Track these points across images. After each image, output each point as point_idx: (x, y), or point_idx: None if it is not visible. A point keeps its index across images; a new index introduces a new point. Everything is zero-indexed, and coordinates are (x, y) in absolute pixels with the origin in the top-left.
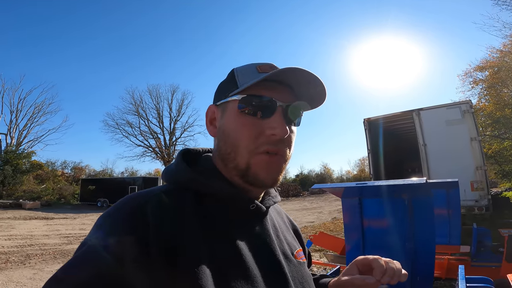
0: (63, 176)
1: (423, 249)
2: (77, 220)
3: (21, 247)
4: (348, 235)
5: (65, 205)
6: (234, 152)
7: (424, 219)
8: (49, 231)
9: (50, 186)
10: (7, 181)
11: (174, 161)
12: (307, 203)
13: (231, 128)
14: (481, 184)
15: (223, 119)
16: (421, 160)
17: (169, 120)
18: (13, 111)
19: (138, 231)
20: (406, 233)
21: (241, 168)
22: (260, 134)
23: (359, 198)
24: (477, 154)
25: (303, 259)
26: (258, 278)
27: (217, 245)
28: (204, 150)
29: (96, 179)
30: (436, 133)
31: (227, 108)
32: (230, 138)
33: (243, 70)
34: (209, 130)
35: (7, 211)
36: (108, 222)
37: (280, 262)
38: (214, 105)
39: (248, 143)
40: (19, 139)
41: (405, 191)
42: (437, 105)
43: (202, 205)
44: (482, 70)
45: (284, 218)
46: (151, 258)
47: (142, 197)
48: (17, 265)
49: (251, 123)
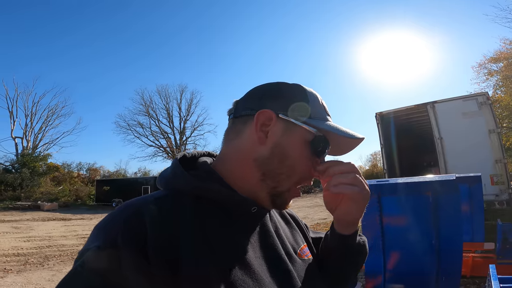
0: (79, 177)
1: (449, 248)
2: (94, 220)
3: (39, 249)
4: (366, 234)
5: (82, 206)
6: (286, 176)
7: (450, 216)
8: (67, 232)
9: (66, 188)
10: (25, 183)
11: (170, 166)
12: (318, 200)
13: (293, 153)
14: (501, 178)
15: (286, 138)
16: (437, 153)
17: (179, 120)
18: (28, 115)
19: (135, 237)
20: (430, 232)
21: (279, 191)
22: (310, 170)
23: (377, 196)
24: (496, 147)
25: (307, 256)
26: (264, 280)
27: (219, 249)
28: (200, 154)
29: (111, 179)
30: (452, 126)
31: (294, 130)
32: (288, 162)
33: (314, 99)
34: (258, 135)
35: (26, 212)
36: (105, 229)
37: (285, 262)
38: (274, 113)
39: (301, 175)
40: (35, 142)
41: (430, 189)
42: (452, 98)
43: (201, 209)
44: (496, 62)
45: (283, 213)
46: (151, 266)
47: (138, 203)
48: (36, 267)
49: (310, 159)
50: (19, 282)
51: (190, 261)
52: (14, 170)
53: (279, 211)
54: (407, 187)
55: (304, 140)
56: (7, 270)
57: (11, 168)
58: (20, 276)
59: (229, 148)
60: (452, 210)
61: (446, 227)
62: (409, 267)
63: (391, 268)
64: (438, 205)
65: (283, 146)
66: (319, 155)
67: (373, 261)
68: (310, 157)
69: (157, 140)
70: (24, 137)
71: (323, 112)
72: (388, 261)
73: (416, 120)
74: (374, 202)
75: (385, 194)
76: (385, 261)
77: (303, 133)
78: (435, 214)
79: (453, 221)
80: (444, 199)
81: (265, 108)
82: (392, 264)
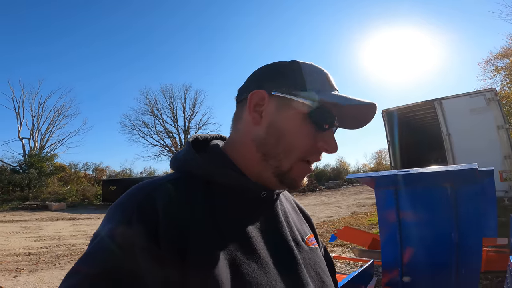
0: (85, 177)
1: (468, 242)
2: (101, 220)
3: (50, 248)
4: (383, 228)
5: (89, 206)
6: (285, 154)
7: (470, 209)
8: (76, 232)
9: (74, 188)
10: (32, 183)
11: (183, 148)
12: (324, 198)
13: (290, 131)
14: (510, 174)
15: (280, 115)
16: (445, 150)
17: (183, 119)
18: (34, 116)
19: (147, 221)
20: (450, 225)
21: (282, 170)
22: (314, 145)
23: (395, 188)
24: (505, 143)
25: (315, 245)
26: (270, 265)
27: (228, 233)
28: (212, 137)
29: (117, 179)
30: (460, 122)
31: (289, 106)
32: (285, 140)
33: (312, 71)
34: (251, 116)
35: (35, 212)
36: (117, 213)
37: (292, 248)
38: (265, 91)
39: (303, 151)
40: (42, 142)
41: (449, 180)
42: (459, 94)
43: (211, 193)
44: (503, 58)
45: (292, 203)
46: (161, 248)
47: (150, 186)
48: (47, 266)
49: (312, 134)
50: (32, 282)
51: (199, 247)
52: (21, 170)
53: (291, 193)
54: (426, 178)
55: (300, 114)
56: (19, 269)
57: (18, 168)
58: (32, 276)
59: (233, 132)
60: (472, 202)
61: (466, 220)
62: (427, 260)
63: (408, 261)
64: (458, 196)
65: (278, 124)
66: (320, 128)
67: (390, 254)
68: (312, 131)
69: (162, 139)
70: (31, 138)
71: (325, 84)
72: (405, 255)
73: (423, 117)
74: (391, 195)
75: (402, 186)
76: (402, 255)
77: (298, 107)
78: (455, 207)
79: (473, 214)
80: (463, 190)
81: (260, 89)
82: (409, 257)
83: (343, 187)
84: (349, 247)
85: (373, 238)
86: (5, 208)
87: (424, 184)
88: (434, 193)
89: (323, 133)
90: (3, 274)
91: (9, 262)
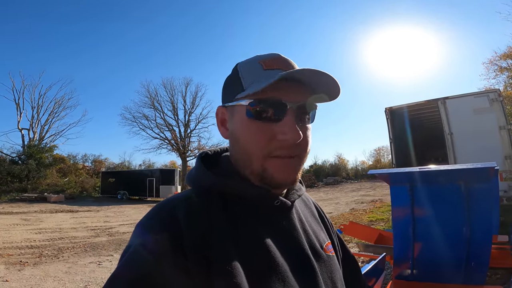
0: (84, 169)
1: (479, 239)
2: (101, 212)
3: (52, 241)
4: (396, 223)
5: (88, 198)
6: (248, 159)
7: (482, 206)
8: (76, 224)
9: (72, 179)
10: (31, 175)
11: (194, 165)
12: (322, 194)
13: (241, 134)
14: (510, 174)
15: (233, 124)
16: (447, 149)
17: (183, 113)
18: (34, 107)
19: (171, 232)
20: (462, 221)
21: (258, 172)
22: (272, 138)
23: (410, 185)
24: (506, 143)
25: (332, 253)
26: (288, 273)
27: (246, 243)
28: (222, 150)
29: (116, 171)
30: (463, 122)
31: (235, 112)
32: (241, 144)
33: (246, 67)
34: (221, 131)
35: (33, 204)
36: (145, 231)
37: (309, 257)
38: (222, 106)
39: (260, 150)
40: (41, 133)
41: (462, 177)
42: (463, 94)
43: (226, 205)
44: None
45: (312, 208)
46: (188, 262)
47: (172, 204)
48: (51, 259)
49: (261, 129)
50: (37, 275)
51: (221, 256)
52: (20, 161)
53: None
54: (441, 175)
55: (243, 114)
56: (23, 262)
57: (17, 159)
58: (37, 269)
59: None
60: (485, 200)
61: (477, 217)
62: (438, 254)
63: (419, 255)
64: (471, 194)
65: (234, 132)
66: (266, 120)
67: (403, 248)
68: (262, 126)
69: (162, 132)
70: (31, 129)
71: (259, 73)
72: (417, 250)
73: (426, 116)
74: (406, 191)
75: (417, 183)
76: (413, 250)
77: (240, 110)
78: (467, 204)
79: (485, 211)
80: (477, 188)
81: (221, 105)
82: (420, 251)
83: (341, 184)
84: (351, 242)
85: (379, 234)
86: (4, 199)
87: (438, 181)
88: (448, 190)
89: (280, 123)
90: (8, 268)
91: (12, 255)
